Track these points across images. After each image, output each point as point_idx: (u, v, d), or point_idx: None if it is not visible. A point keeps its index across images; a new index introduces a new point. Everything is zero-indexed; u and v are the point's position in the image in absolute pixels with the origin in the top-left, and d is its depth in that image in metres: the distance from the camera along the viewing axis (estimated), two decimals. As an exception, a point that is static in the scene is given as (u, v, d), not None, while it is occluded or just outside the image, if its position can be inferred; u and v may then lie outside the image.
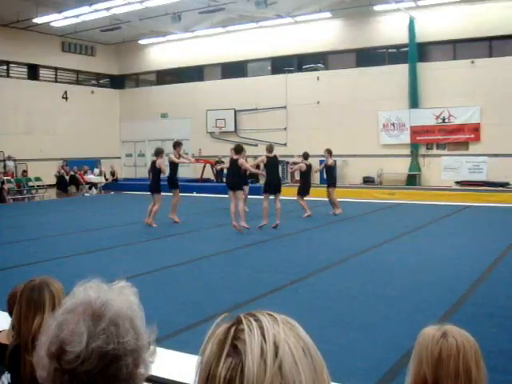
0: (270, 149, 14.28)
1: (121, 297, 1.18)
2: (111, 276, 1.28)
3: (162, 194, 14.71)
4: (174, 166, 15.17)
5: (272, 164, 14.21)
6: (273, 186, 14.08)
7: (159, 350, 1.25)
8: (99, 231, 13.97)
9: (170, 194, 15.25)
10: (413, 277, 8.48)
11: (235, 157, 13.95)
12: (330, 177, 17.02)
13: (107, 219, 16.33)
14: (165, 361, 4.89)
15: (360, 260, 9.95)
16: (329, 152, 17.06)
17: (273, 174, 14.26)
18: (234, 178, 13.89)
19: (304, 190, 15.91)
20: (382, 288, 7.84)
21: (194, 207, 18.29)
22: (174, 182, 15.24)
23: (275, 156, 14.21)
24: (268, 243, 11.92)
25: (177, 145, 15.47)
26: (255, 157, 20.29)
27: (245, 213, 13.84)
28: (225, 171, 17.75)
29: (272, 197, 14.03)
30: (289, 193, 18.71)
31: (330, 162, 16.96)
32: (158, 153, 14.87)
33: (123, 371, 1.12)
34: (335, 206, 16.49)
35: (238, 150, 14.06)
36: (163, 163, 14.85)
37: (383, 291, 7.66)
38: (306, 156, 15.99)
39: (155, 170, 14.70)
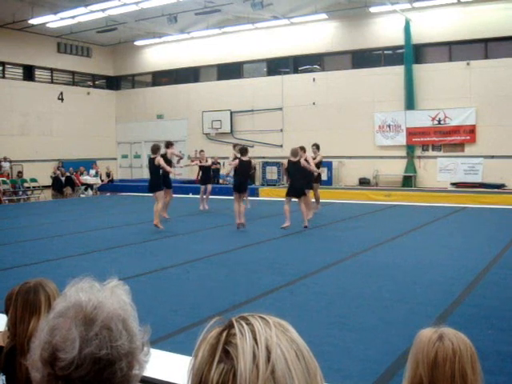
0: (293, 153, 13.96)
1: (113, 297, 1.17)
2: (107, 277, 1.27)
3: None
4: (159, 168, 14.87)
5: (293, 168, 13.91)
6: (295, 190, 13.80)
7: (154, 351, 1.25)
8: (95, 232, 13.94)
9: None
10: (409, 278, 8.48)
11: (245, 158, 13.94)
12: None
13: (103, 220, 16.29)
14: (160, 362, 4.88)
15: (356, 261, 9.95)
16: (317, 147, 16.94)
17: (295, 179, 13.88)
18: (245, 179, 14.11)
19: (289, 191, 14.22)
20: (378, 289, 7.84)
21: (190, 208, 18.27)
22: (167, 182, 15.16)
23: (298, 161, 13.91)
24: (264, 244, 11.91)
25: (161, 148, 15.24)
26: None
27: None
28: (223, 172, 17.65)
29: (295, 200, 13.90)
30: (282, 193, 18.67)
31: (320, 157, 16.83)
32: (157, 150, 14.39)
33: (118, 375, 1.12)
34: (318, 203, 16.72)
35: (244, 151, 14.04)
36: (162, 160, 14.41)
37: (379, 292, 7.67)
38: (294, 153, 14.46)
39: (154, 168, 14.28)
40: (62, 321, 1.11)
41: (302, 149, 16.23)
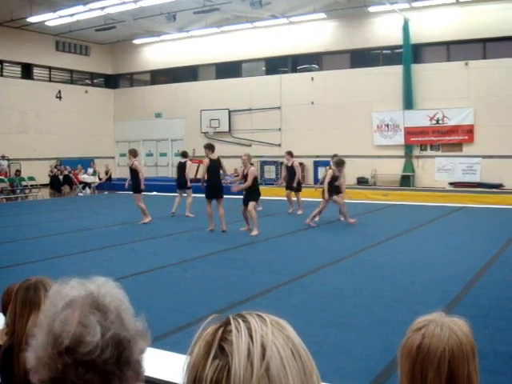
0: (209, 148, 13.51)
1: (113, 289, 1.20)
2: (106, 275, 1.28)
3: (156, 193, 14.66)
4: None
5: (213, 169, 13.56)
6: (211, 192, 13.46)
7: (152, 350, 1.26)
8: (93, 231, 13.94)
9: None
10: (406, 278, 8.49)
11: (341, 172, 14.35)
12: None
13: (101, 219, 16.28)
14: (157, 361, 4.88)
15: (353, 261, 9.95)
16: (289, 154, 17.34)
17: (213, 179, 13.54)
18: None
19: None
20: (376, 289, 7.84)
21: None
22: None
23: (218, 159, 13.54)
24: (261, 244, 11.91)
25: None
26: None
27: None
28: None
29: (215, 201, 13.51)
30: (280, 193, 18.74)
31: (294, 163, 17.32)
32: (130, 153, 15.66)
33: (133, 357, 1.15)
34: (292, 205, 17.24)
35: (341, 164, 14.27)
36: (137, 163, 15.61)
37: (377, 292, 7.67)
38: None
39: (130, 171, 15.56)
40: (71, 311, 1.12)
41: (289, 153, 17.14)
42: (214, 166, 13.51)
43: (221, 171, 13.88)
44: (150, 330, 1.22)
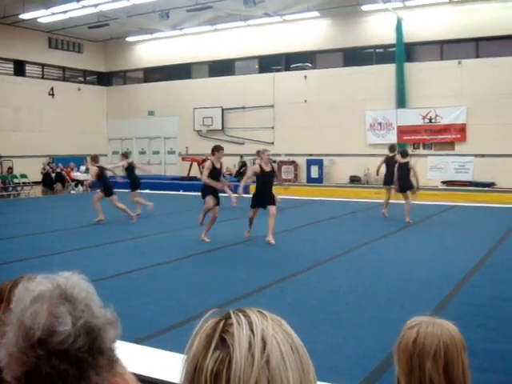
0: (123, 154, 15.28)
1: (79, 280, 1.21)
2: (99, 273, 1.28)
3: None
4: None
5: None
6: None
7: (146, 348, 1.26)
8: (86, 229, 13.92)
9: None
10: (400, 276, 8.52)
11: (403, 160, 14.62)
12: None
13: (93, 216, 16.22)
14: (151, 359, 4.88)
15: (348, 259, 9.97)
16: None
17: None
18: (406, 180, 14.64)
19: None
20: (370, 287, 7.86)
21: (180, 205, 18.25)
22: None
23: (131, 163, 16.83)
24: (254, 242, 11.90)
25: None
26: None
27: None
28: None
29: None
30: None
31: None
32: (95, 159, 16.29)
33: (105, 345, 1.15)
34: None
35: (405, 153, 14.82)
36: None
37: (371, 290, 7.69)
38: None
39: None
40: (39, 305, 1.13)
41: (259, 153, 16.89)
42: None
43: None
44: (119, 319, 1.23)
